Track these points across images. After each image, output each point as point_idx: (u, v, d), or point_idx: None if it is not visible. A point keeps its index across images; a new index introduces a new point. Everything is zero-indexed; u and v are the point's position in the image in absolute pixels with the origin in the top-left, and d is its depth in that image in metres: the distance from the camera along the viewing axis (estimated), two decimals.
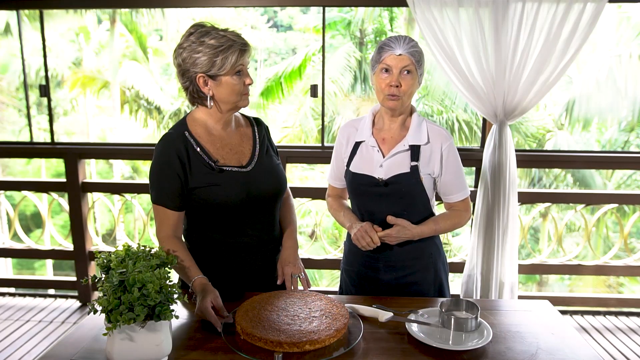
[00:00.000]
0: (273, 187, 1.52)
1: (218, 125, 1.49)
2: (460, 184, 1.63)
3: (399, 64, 1.49)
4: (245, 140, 1.54)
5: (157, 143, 1.45)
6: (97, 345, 1.23)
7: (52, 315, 3.12)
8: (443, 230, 1.62)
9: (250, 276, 1.54)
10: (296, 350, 1.16)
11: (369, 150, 1.61)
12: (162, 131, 10.92)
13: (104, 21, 11.07)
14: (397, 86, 1.50)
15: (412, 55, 1.50)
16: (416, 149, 1.56)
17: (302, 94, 10.43)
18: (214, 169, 1.43)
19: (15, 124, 11.87)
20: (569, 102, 9.11)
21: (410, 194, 1.56)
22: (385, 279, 1.64)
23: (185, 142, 1.44)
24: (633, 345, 2.81)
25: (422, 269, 1.64)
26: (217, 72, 1.38)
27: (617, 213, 3.40)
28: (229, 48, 1.37)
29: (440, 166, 1.58)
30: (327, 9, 3.17)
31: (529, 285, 8.69)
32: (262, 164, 1.52)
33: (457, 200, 1.64)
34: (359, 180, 1.61)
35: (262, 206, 1.51)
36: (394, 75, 1.50)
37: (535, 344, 1.27)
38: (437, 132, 1.59)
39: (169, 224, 1.45)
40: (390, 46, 1.51)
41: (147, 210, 3.62)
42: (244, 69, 1.42)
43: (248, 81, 1.43)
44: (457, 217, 1.64)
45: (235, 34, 1.40)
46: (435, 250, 1.66)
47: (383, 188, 1.56)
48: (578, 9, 2.57)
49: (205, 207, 1.45)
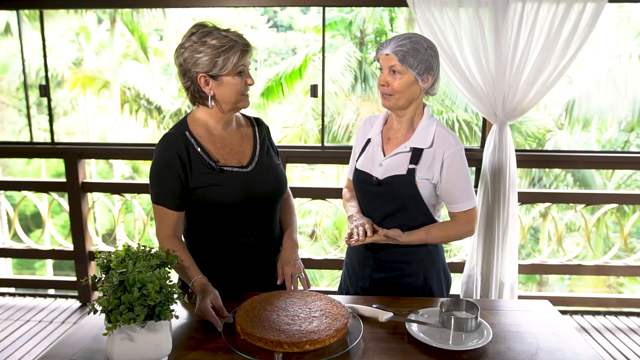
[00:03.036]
0: (273, 188, 1.52)
1: (219, 125, 1.49)
2: (463, 194, 1.54)
3: (387, 63, 1.50)
4: (246, 141, 1.54)
5: (158, 143, 1.45)
6: (97, 345, 1.23)
7: (52, 315, 3.12)
8: (435, 240, 1.56)
9: (250, 276, 1.54)
10: (296, 350, 1.16)
11: (373, 148, 1.62)
12: (162, 131, 10.92)
13: (104, 21, 11.07)
14: (384, 85, 1.51)
15: (396, 54, 1.47)
16: (418, 152, 1.52)
17: (303, 94, 10.43)
18: (214, 169, 1.43)
19: (15, 124, 11.88)
20: (569, 102, 9.11)
21: (403, 197, 1.53)
22: (375, 277, 1.65)
23: (186, 142, 1.43)
24: (633, 345, 2.81)
25: (411, 273, 1.61)
26: (218, 72, 1.38)
27: (617, 213, 3.40)
28: (230, 48, 1.37)
29: (440, 173, 1.53)
30: (327, 9, 3.17)
31: (529, 285, 8.69)
32: (262, 164, 1.52)
33: (458, 211, 1.55)
34: (360, 177, 1.62)
35: (262, 206, 1.51)
36: (383, 74, 1.51)
37: (535, 344, 1.27)
38: (444, 138, 1.53)
39: (169, 224, 1.45)
40: (383, 45, 1.51)
41: (147, 210, 3.62)
42: (246, 70, 1.42)
43: (249, 82, 1.43)
44: (454, 229, 1.56)
45: (237, 35, 1.40)
46: (427, 257, 1.60)
47: (376, 187, 1.56)
48: (578, 9, 2.57)
49: (206, 207, 1.45)
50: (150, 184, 1.45)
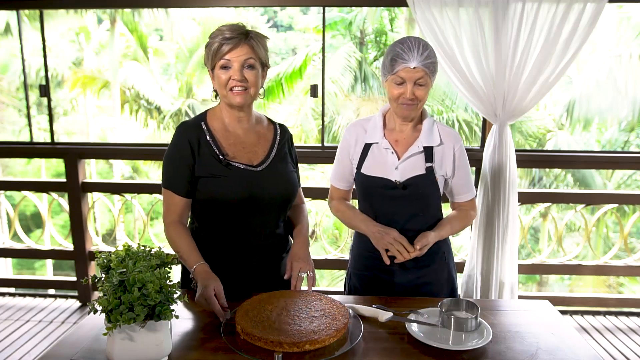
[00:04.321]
0: (279, 192, 1.51)
1: (233, 122, 1.51)
2: (469, 183, 1.65)
3: (413, 76, 1.45)
4: (263, 142, 1.54)
5: (175, 130, 1.50)
6: (97, 345, 1.23)
7: (52, 315, 3.12)
8: (457, 231, 1.65)
9: (251, 278, 1.54)
10: (296, 350, 1.16)
11: (382, 152, 1.59)
12: (162, 131, 10.94)
13: (104, 21, 11.07)
14: (412, 98, 1.48)
15: (427, 67, 1.45)
16: (430, 150, 1.56)
17: (303, 94, 10.43)
18: (221, 162, 1.45)
19: (15, 124, 11.88)
20: (569, 102, 9.12)
21: (427, 196, 1.57)
22: (400, 282, 1.62)
23: (200, 131, 1.47)
24: (633, 345, 2.81)
25: (436, 268, 1.65)
26: (210, 65, 1.44)
27: (617, 213, 3.40)
28: (214, 39, 1.41)
29: (452, 167, 1.59)
30: (327, 9, 3.17)
31: (529, 285, 8.69)
32: (274, 167, 1.52)
33: (465, 200, 1.67)
34: (373, 182, 1.58)
35: (265, 209, 1.50)
36: (407, 88, 1.47)
37: (535, 344, 1.27)
38: (449, 133, 1.60)
39: (175, 210, 1.47)
40: (404, 58, 1.45)
41: (147, 210, 3.61)
42: (233, 65, 1.40)
43: (234, 76, 1.40)
44: (467, 218, 1.66)
45: (230, 27, 1.41)
46: (447, 250, 1.68)
47: (400, 190, 1.55)
48: (578, 9, 2.57)
49: (209, 204, 1.46)
50: (162, 169, 1.50)
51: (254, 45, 1.42)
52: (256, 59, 1.43)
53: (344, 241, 3.51)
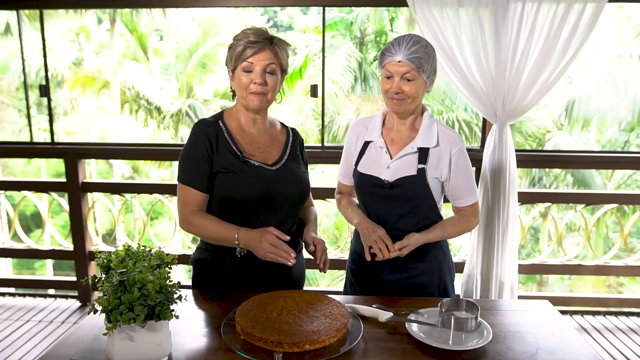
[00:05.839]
0: (294, 192, 1.53)
1: (248, 123, 1.53)
2: (470, 188, 1.60)
3: (399, 70, 1.46)
4: (276, 144, 1.57)
5: (192, 126, 1.51)
6: (97, 345, 1.23)
7: (52, 315, 3.12)
8: (450, 235, 1.60)
9: (263, 277, 1.53)
10: (296, 350, 1.16)
11: (377, 150, 1.59)
12: (162, 131, 10.95)
13: (104, 21, 11.08)
14: (398, 92, 1.48)
15: (412, 62, 1.44)
16: (425, 152, 1.53)
17: (303, 94, 10.44)
18: (239, 158, 1.46)
19: (15, 124, 11.88)
20: (569, 102, 9.12)
21: (416, 197, 1.55)
22: (389, 280, 1.63)
23: (217, 128, 1.49)
24: (633, 345, 2.81)
25: (426, 271, 1.63)
26: (231, 67, 1.47)
27: (617, 213, 3.40)
28: (238, 42, 1.43)
29: (448, 170, 1.56)
30: (327, 9, 3.17)
31: (529, 285, 8.70)
32: (287, 167, 1.54)
33: (465, 205, 1.62)
34: (366, 180, 1.60)
35: (279, 208, 1.51)
36: (395, 82, 1.47)
37: (535, 344, 1.27)
38: (448, 136, 1.56)
39: (194, 203, 1.47)
40: (391, 52, 1.46)
41: (147, 210, 3.62)
42: (255, 68, 1.43)
43: (255, 79, 1.43)
44: (465, 223, 1.62)
45: (255, 31, 1.44)
46: (440, 253, 1.64)
47: (389, 190, 1.55)
48: (578, 9, 2.57)
49: (225, 202, 1.47)
50: (178, 165, 1.50)
51: (277, 51, 1.45)
52: (277, 65, 1.46)
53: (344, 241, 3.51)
